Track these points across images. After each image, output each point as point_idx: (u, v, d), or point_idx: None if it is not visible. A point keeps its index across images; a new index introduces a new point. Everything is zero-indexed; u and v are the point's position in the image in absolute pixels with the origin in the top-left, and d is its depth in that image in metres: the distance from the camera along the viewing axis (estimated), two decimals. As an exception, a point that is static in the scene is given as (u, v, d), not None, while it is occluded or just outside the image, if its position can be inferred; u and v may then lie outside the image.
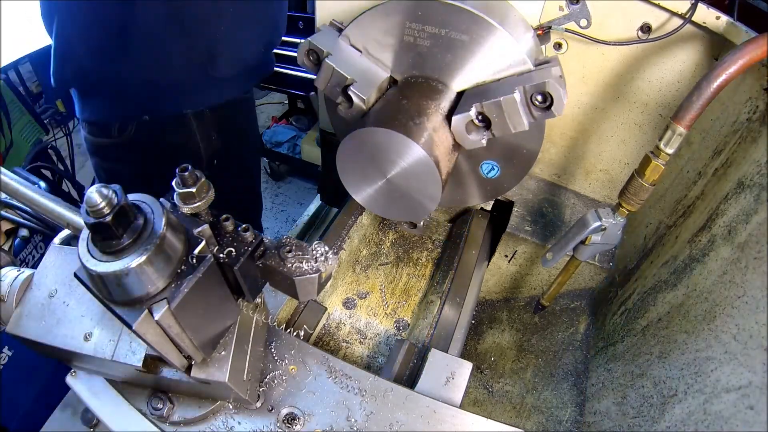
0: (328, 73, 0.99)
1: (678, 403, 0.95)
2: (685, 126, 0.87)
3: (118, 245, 0.52)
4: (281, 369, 0.84)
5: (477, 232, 1.36)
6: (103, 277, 0.52)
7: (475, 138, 0.94)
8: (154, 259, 0.53)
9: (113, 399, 0.78)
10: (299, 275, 0.64)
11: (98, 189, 0.48)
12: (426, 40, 0.96)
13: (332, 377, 0.84)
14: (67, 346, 0.68)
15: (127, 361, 0.67)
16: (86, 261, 0.52)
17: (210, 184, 0.63)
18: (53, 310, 0.71)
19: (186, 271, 0.58)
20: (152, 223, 0.54)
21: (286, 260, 0.64)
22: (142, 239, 0.53)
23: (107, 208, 0.49)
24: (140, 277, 0.53)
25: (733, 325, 0.86)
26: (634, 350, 1.17)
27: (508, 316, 1.54)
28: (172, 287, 0.56)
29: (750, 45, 0.80)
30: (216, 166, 1.66)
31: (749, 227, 0.89)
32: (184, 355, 0.64)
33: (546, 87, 0.86)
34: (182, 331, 0.59)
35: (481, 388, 1.38)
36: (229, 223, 0.64)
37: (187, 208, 0.61)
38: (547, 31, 1.06)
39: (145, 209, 0.55)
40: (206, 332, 0.65)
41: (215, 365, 0.68)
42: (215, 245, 0.62)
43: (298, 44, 1.01)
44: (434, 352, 0.94)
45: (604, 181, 1.37)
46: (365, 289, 1.24)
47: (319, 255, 0.65)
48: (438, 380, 0.90)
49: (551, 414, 1.30)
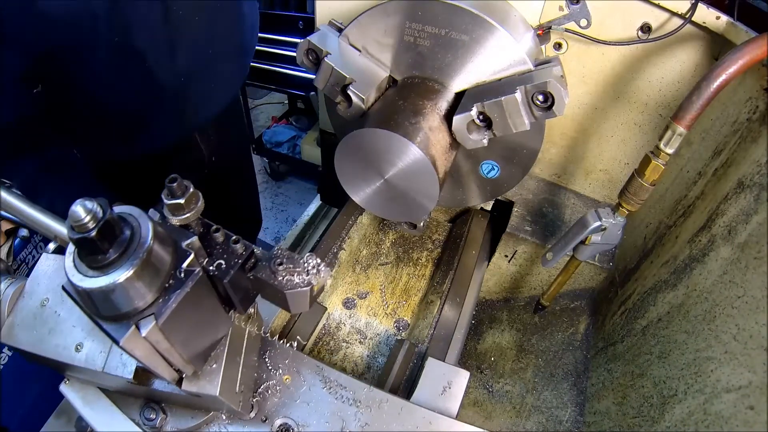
0: (327, 73, 0.99)
1: (678, 403, 0.95)
2: (685, 126, 0.87)
3: (104, 260, 0.50)
4: (275, 379, 0.83)
5: (477, 232, 1.36)
6: (89, 292, 0.50)
7: (476, 138, 0.94)
8: (141, 273, 0.52)
9: (106, 408, 0.77)
10: (290, 289, 0.62)
11: (82, 203, 0.47)
12: (426, 40, 0.96)
13: (327, 387, 0.83)
14: (59, 357, 0.67)
15: (118, 373, 0.66)
16: (72, 276, 0.51)
17: (199, 195, 0.61)
18: (45, 319, 0.70)
19: (174, 286, 0.56)
20: (139, 236, 0.53)
21: (277, 273, 0.62)
22: (129, 253, 0.51)
23: (92, 223, 0.47)
24: (127, 292, 0.52)
25: (733, 325, 0.86)
26: (634, 350, 1.17)
27: (508, 316, 1.53)
28: (160, 302, 0.55)
29: (750, 45, 0.80)
30: (214, 162, 1.66)
31: (749, 227, 0.89)
32: (175, 368, 0.63)
33: (547, 87, 0.86)
34: (171, 346, 0.58)
35: (481, 388, 1.38)
36: (220, 234, 0.62)
37: (176, 220, 0.59)
38: (547, 31, 1.06)
39: (131, 222, 0.54)
40: (196, 346, 0.64)
41: (206, 378, 0.67)
42: (205, 257, 0.61)
43: (297, 44, 1.01)
44: (431, 361, 0.93)
45: (604, 181, 1.37)
46: (365, 289, 1.24)
47: (311, 267, 0.64)
48: (435, 390, 0.88)
49: (551, 414, 1.30)
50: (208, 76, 1.40)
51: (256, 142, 3.60)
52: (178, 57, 1.27)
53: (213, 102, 1.48)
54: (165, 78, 1.27)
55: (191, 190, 0.59)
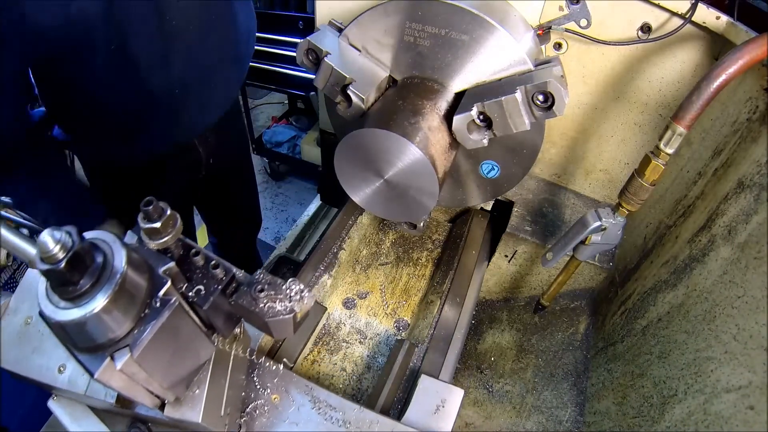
0: (327, 73, 0.99)
1: (678, 403, 0.95)
2: (685, 126, 0.87)
3: (75, 291, 0.47)
4: (263, 398, 0.81)
5: (477, 232, 1.36)
6: (62, 324, 0.48)
7: (477, 138, 0.94)
8: (115, 304, 0.49)
9: (94, 426, 0.75)
10: (272, 316, 0.59)
11: (50, 233, 0.44)
12: (426, 39, 0.96)
13: (316, 408, 0.81)
14: (42, 378, 0.65)
15: (101, 396, 0.64)
16: (45, 307, 0.48)
17: (177, 218, 0.58)
18: (29, 338, 0.67)
19: (150, 315, 0.53)
20: (112, 265, 0.50)
21: (258, 300, 0.60)
22: (102, 284, 0.49)
23: (61, 253, 0.44)
24: (101, 323, 0.49)
25: (733, 325, 0.86)
26: (634, 350, 1.17)
27: (508, 316, 1.53)
28: (135, 333, 0.52)
29: (750, 45, 0.80)
30: (213, 163, 1.66)
31: (749, 227, 0.89)
32: (155, 395, 0.61)
33: (547, 87, 0.86)
34: (149, 376, 0.55)
35: (481, 388, 1.38)
36: (200, 258, 0.60)
37: (153, 244, 0.56)
38: (547, 31, 1.06)
39: (104, 249, 0.51)
40: (177, 373, 0.62)
41: (188, 405, 0.65)
42: (184, 282, 0.59)
43: (297, 44, 1.01)
44: (424, 378, 0.91)
45: (604, 181, 1.37)
46: (365, 289, 1.24)
47: (294, 294, 0.61)
48: (427, 409, 0.87)
49: (551, 414, 1.30)
50: (204, 86, 1.40)
51: (256, 142, 3.60)
52: (173, 67, 1.26)
53: (210, 110, 1.48)
54: (160, 86, 1.27)
55: (168, 213, 0.56)
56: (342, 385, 1.05)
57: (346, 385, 1.05)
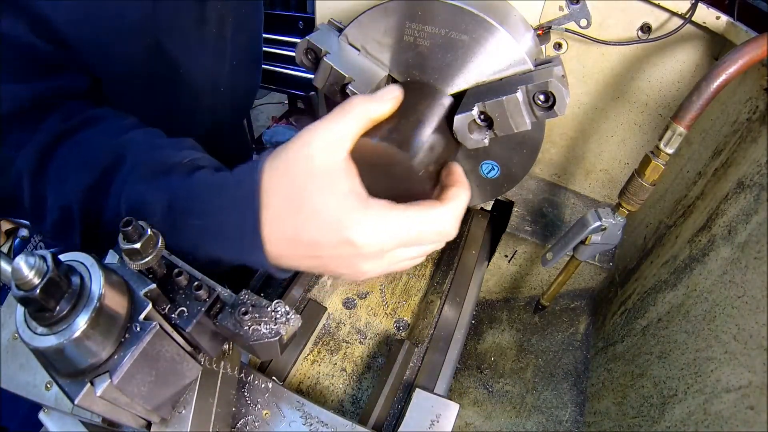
0: (326, 72, 0.98)
1: (678, 403, 0.95)
2: (685, 126, 0.87)
3: (51, 318, 0.46)
4: (254, 414, 0.81)
5: (477, 232, 1.36)
6: (41, 351, 0.47)
7: (477, 137, 0.94)
8: (93, 330, 0.48)
9: None
10: (256, 340, 0.58)
11: (25, 258, 0.42)
12: (426, 39, 0.96)
13: (307, 424, 0.81)
14: (29, 395, 0.63)
15: (86, 416, 0.62)
16: (22, 333, 0.47)
17: (158, 237, 0.56)
18: (16, 354, 0.65)
19: (130, 340, 0.52)
20: (90, 289, 0.48)
21: (242, 323, 0.58)
22: (79, 309, 0.47)
23: (37, 278, 0.43)
24: (79, 350, 0.48)
25: (733, 325, 0.86)
26: (634, 350, 1.17)
27: (508, 316, 1.53)
28: (115, 358, 0.51)
29: (750, 45, 0.80)
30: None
31: (749, 227, 0.89)
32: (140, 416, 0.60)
33: (548, 86, 0.85)
34: (131, 400, 0.54)
35: (481, 388, 1.38)
36: (183, 278, 0.58)
37: (134, 265, 0.55)
38: (547, 31, 1.06)
39: (82, 272, 0.49)
40: (161, 395, 0.60)
41: (175, 425, 0.64)
42: (167, 303, 0.57)
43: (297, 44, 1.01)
44: (418, 393, 0.90)
45: (604, 181, 1.37)
46: (365, 289, 1.24)
47: (279, 316, 0.59)
48: (422, 424, 0.86)
49: (551, 414, 1.30)
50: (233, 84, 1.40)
51: (256, 142, 3.60)
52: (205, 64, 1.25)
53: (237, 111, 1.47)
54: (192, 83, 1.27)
55: (148, 233, 0.54)
56: (342, 385, 1.05)
57: (346, 385, 1.05)
